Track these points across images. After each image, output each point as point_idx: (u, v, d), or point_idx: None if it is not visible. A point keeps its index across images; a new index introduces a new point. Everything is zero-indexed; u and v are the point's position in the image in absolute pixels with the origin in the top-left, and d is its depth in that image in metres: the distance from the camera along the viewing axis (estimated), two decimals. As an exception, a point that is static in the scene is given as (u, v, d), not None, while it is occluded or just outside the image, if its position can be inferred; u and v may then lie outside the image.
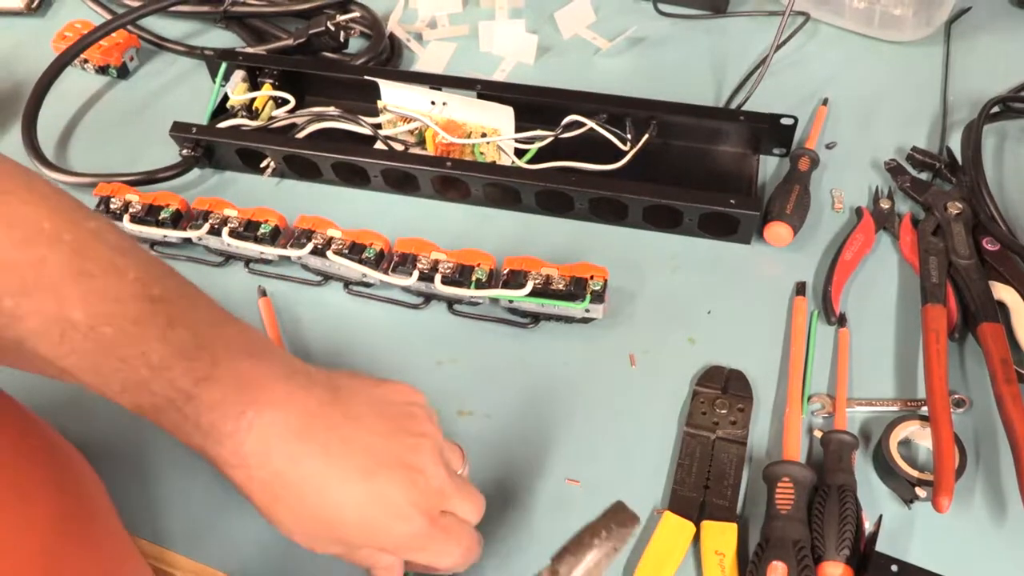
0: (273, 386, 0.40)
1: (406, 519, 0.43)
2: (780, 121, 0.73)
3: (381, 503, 0.42)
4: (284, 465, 0.40)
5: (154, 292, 0.38)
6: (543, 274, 0.63)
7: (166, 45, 0.87)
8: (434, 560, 0.46)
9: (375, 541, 0.43)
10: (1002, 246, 0.66)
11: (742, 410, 0.60)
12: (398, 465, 0.43)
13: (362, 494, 0.41)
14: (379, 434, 0.43)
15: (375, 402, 0.44)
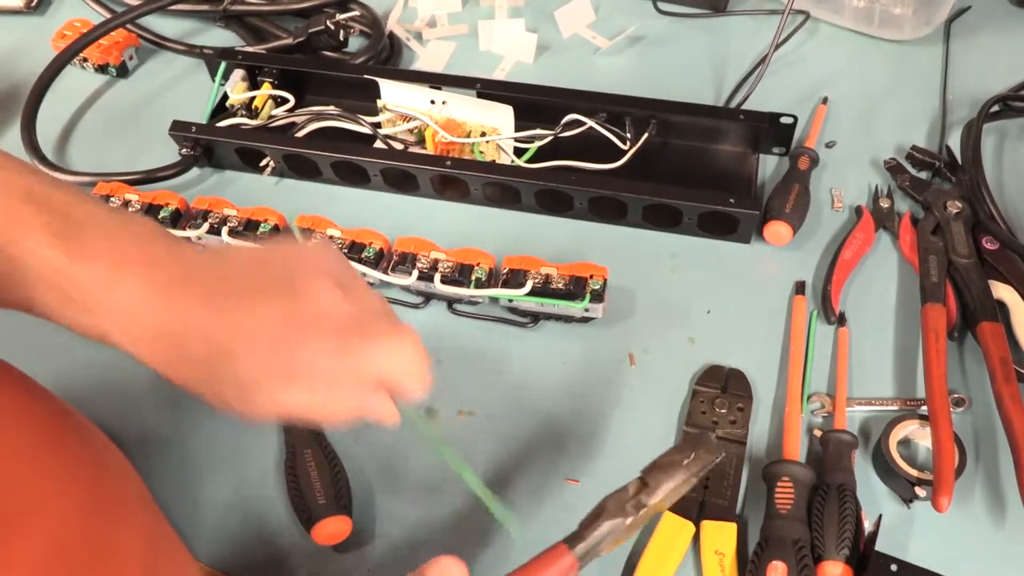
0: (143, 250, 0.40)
1: (303, 334, 0.40)
2: (780, 120, 0.73)
3: (269, 327, 0.40)
4: (158, 319, 0.39)
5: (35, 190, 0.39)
6: (542, 273, 0.63)
7: (166, 44, 0.87)
8: (393, 370, 0.42)
9: (286, 370, 0.40)
10: (1001, 245, 0.66)
11: (742, 409, 0.60)
12: (277, 287, 0.41)
13: (245, 322, 0.39)
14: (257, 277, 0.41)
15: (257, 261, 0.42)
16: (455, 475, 0.57)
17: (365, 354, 0.42)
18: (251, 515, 0.57)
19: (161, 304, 0.39)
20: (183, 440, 0.60)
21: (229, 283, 0.41)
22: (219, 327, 0.39)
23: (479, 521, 0.56)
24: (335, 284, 0.42)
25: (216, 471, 0.59)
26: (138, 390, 0.62)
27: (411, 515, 0.57)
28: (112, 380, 0.62)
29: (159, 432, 0.60)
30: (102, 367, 0.62)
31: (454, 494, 0.57)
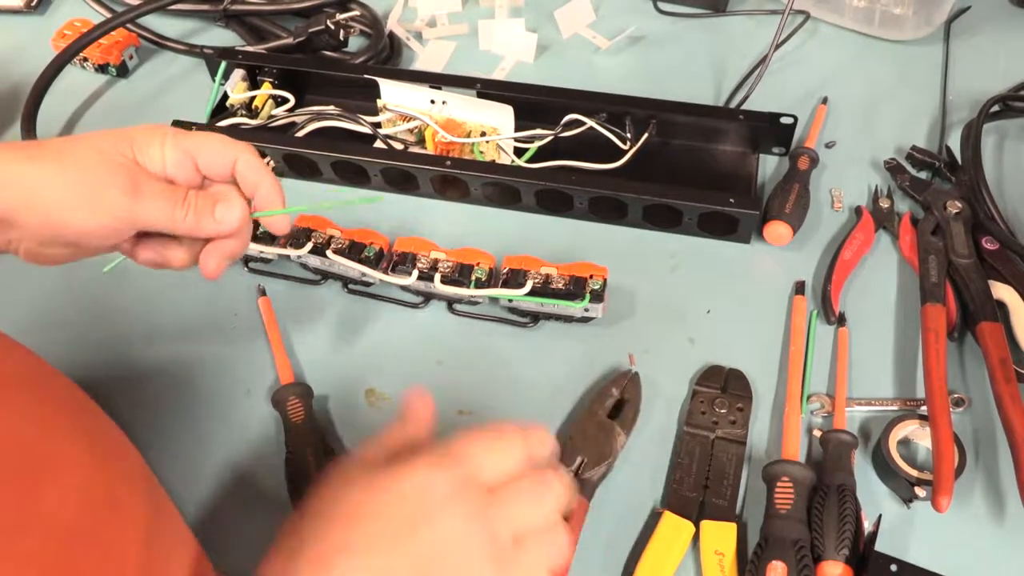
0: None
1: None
2: (780, 120, 0.73)
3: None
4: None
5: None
6: (542, 273, 0.63)
7: (166, 43, 0.87)
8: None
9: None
10: (1001, 245, 0.66)
11: (741, 409, 0.60)
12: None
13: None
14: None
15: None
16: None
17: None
18: (251, 515, 0.57)
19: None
20: (183, 440, 0.60)
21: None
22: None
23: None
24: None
25: (216, 471, 0.59)
26: (140, 389, 0.62)
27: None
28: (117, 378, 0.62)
29: (158, 431, 0.60)
30: (116, 367, 0.62)
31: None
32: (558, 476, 0.44)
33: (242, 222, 0.51)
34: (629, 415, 0.59)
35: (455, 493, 0.42)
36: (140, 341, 0.66)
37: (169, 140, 0.49)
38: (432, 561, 0.40)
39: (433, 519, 0.41)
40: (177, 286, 0.68)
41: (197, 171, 0.50)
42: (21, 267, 0.66)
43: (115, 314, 0.67)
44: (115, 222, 0.48)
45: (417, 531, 0.41)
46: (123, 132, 0.49)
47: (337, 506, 0.42)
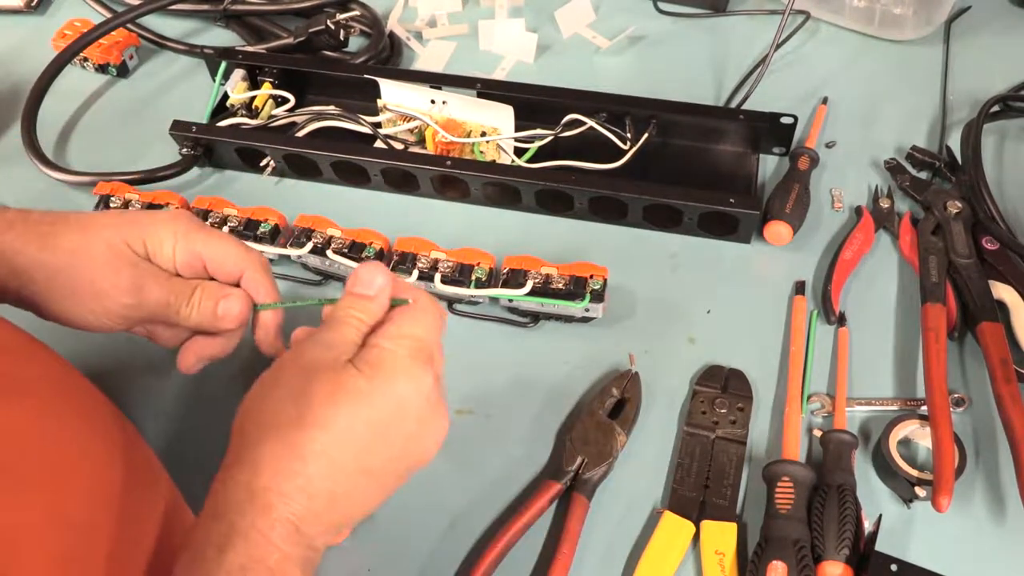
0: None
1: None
2: (780, 120, 0.73)
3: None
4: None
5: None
6: (543, 273, 0.63)
7: (166, 44, 0.87)
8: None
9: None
10: (1001, 245, 0.66)
11: (742, 409, 0.60)
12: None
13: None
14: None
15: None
16: (457, 476, 0.58)
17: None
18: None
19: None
20: (184, 439, 0.60)
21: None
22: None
23: (478, 521, 0.56)
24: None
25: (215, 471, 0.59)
26: (141, 389, 0.62)
27: (411, 515, 0.57)
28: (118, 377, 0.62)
29: (160, 431, 0.60)
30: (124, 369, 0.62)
31: (454, 494, 0.57)
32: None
33: (243, 318, 0.52)
34: (629, 415, 0.59)
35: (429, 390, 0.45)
36: (138, 340, 0.65)
37: (180, 241, 0.50)
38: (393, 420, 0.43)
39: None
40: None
41: (205, 270, 0.52)
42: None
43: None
44: (122, 321, 0.50)
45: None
46: (138, 226, 0.50)
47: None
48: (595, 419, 0.58)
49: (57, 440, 0.40)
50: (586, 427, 0.58)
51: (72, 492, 0.39)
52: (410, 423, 0.44)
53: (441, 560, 0.55)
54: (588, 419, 0.58)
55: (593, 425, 0.58)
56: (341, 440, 0.42)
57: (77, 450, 0.41)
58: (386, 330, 0.45)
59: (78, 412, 0.43)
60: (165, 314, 0.51)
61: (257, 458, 0.41)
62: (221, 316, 0.51)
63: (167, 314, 0.51)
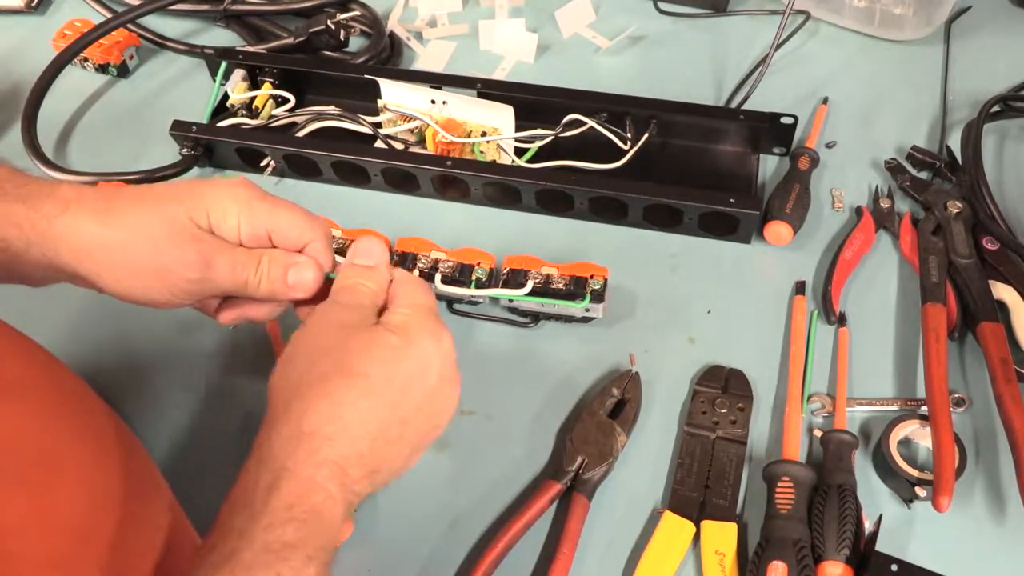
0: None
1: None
2: (780, 120, 0.73)
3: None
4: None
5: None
6: (543, 273, 0.63)
7: (166, 44, 0.87)
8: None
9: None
10: (1002, 245, 0.66)
11: (742, 409, 0.60)
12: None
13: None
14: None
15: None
16: (457, 476, 0.58)
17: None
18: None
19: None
20: (183, 439, 0.60)
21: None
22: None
23: (478, 521, 0.56)
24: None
25: (218, 470, 0.59)
26: (141, 388, 0.62)
27: (411, 515, 0.57)
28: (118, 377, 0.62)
29: (159, 430, 0.60)
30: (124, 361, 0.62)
31: (454, 495, 0.57)
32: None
33: (316, 287, 0.51)
34: (629, 415, 0.59)
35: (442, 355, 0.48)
36: (141, 340, 0.66)
37: (245, 212, 0.49)
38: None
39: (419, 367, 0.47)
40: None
41: (269, 240, 0.50)
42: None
43: (117, 312, 0.67)
44: (187, 296, 0.49)
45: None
46: (199, 197, 0.48)
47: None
48: (595, 419, 0.58)
49: (50, 442, 0.40)
50: (586, 427, 0.58)
51: (64, 494, 0.39)
52: (433, 378, 0.47)
53: (441, 560, 0.55)
54: (588, 419, 0.58)
55: (593, 425, 0.58)
56: (377, 388, 0.44)
57: (70, 453, 0.41)
58: (399, 300, 0.48)
59: (73, 415, 0.43)
60: (232, 286, 0.49)
61: (300, 408, 0.43)
62: (292, 285, 0.50)
63: (234, 286, 0.49)
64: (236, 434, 0.60)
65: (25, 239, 0.46)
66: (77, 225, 0.46)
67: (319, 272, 0.50)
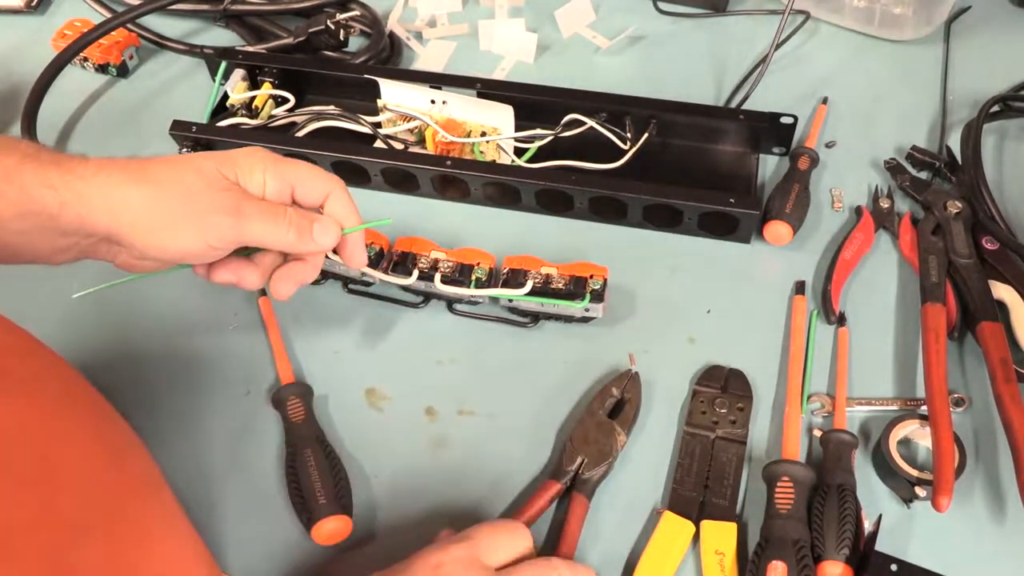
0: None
1: None
2: (780, 120, 0.73)
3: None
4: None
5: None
6: (543, 273, 0.63)
7: (166, 44, 0.87)
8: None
9: None
10: (1001, 245, 0.66)
11: (742, 409, 0.60)
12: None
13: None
14: None
15: None
16: (457, 476, 0.58)
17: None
18: (251, 515, 0.57)
19: None
20: (183, 439, 0.60)
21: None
22: None
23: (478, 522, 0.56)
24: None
25: (216, 470, 0.59)
26: (140, 388, 0.62)
27: (411, 515, 0.57)
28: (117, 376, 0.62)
29: (158, 430, 0.60)
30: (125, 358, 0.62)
31: (454, 494, 0.57)
32: (567, 564, 0.51)
33: (336, 242, 0.53)
34: (629, 415, 0.59)
35: (462, 568, 0.48)
36: (140, 340, 0.66)
37: (271, 168, 0.51)
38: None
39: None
40: (177, 286, 0.68)
41: (292, 198, 0.52)
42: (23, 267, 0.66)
43: (116, 313, 0.67)
44: (220, 243, 0.49)
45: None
46: (226, 155, 0.51)
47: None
48: (595, 419, 0.58)
49: (49, 438, 0.40)
50: (586, 427, 0.58)
51: (64, 490, 0.39)
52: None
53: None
54: (588, 419, 0.58)
55: (593, 425, 0.58)
56: None
57: (72, 450, 0.41)
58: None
59: (75, 412, 0.43)
60: (260, 234, 0.50)
61: None
62: (317, 241, 0.52)
63: (262, 234, 0.51)
64: (236, 432, 0.60)
65: (59, 200, 0.46)
66: (112, 182, 0.47)
67: (338, 225, 0.53)
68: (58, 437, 0.40)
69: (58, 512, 0.38)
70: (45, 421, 0.40)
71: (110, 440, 0.44)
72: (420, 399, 0.62)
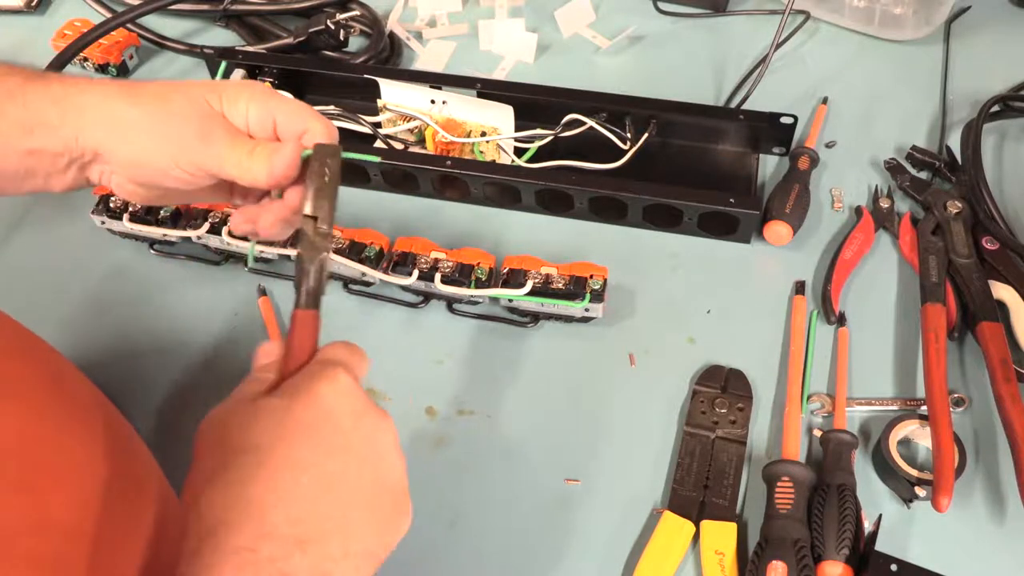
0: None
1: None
2: (780, 120, 0.73)
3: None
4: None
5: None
6: (543, 273, 0.63)
7: (166, 44, 0.87)
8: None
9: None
10: (1001, 245, 0.66)
11: (742, 409, 0.60)
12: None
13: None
14: None
15: None
16: (457, 476, 0.58)
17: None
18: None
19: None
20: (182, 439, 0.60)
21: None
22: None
23: (477, 522, 0.56)
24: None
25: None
26: (139, 388, 0.62)
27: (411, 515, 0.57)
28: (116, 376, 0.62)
29: (157, 430, 0.60)
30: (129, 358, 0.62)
31: (454, 495, 0.57)
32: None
33: (290, 168, 0.49)
34: (311, 188, 0.49)
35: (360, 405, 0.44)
36: (140, 340, 0.66)
37: (254, 100, 0.50)
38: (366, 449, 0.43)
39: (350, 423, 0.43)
40: (177, 285, 0.68)
41: (275, 132, 0.51)
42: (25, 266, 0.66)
43: (116, 313, 0.67)
44: (189, 166, 0.49)
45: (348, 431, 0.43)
46: (217, 84, 0.51)
47: (260, 437, 0.41)
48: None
49: (43, 442, 0.40)
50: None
51: (58, 494, 0.39)
52: (345, 420, 0.43)
53: (441, 560, 0.55)
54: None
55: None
56: (272, 454, 0.40)
57: (65, 452, 0.40)
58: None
59: (70, 413, 0.43)
60: (228, 165, 0.50)
61: (204, 507, 0.39)
62: (273, 164, 0.49)
63: (230, 165, 0.50)
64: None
65: (60, 111, 0.47)
66: (107, 97, 0.49)
67: (297, 149, 0.50)
68: (51, 439, 0.40)
69: (49, 515, 0.38)
70: (37, 423, 0.40)
71: (106, 443, 0.44)
72: (420, 399, 0.62)
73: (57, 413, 0.42)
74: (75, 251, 0.71)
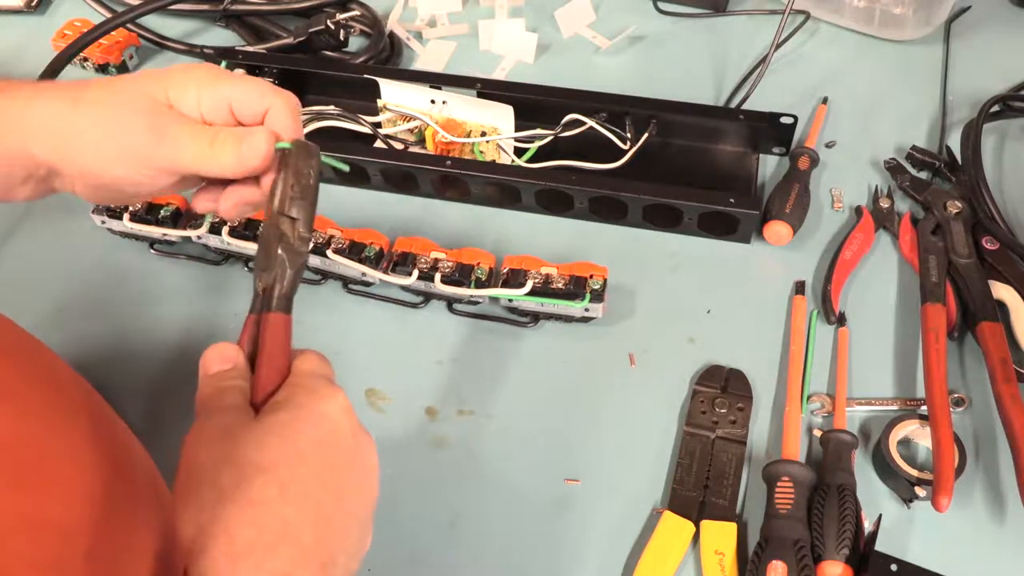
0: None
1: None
2: (780, 120, 0.73)
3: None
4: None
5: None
6: (542, 273, 0.63)
7: (166, 44, 0.87)
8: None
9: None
10: (1001, 245, 0.66)
11: (742, 409, 0.60)
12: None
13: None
14: None
15: None
16: (458, 476, 0.58)
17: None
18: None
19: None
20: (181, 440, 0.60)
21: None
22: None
23: (477, 522, 0.56)
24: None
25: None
26: (138, 388, 0.62)
27: (411, 515, 0.57)
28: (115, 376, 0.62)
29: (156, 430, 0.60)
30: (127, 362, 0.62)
31: (454, 495, 0.57)
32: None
33: (264, 160, 0.48)
34: (287, 191, 0.48)
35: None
36: (139, 339, 0.66)
37: (205, 88, 0.48)
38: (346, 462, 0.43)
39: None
40: (176, 285, 0.68)
41: (232, 116, 0.49)
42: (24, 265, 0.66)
43: (115, 312, 0.67)
44: (151, 169, 0.47)
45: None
46: (162, 75, 0.48)
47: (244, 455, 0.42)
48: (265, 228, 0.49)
49: (37, 441, 0.40)
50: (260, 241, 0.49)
51: (53, 493, 0.38)
52: (346, 436, 0.43)
53: (441, 560, 0.55)
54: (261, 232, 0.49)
55: (263, 236, 0.49)
56: (291, 473, 0.41)
57: (60, 451, 0.40)
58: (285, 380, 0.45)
59: (64, 413, 0.43)
60: (191, 160, 0.48)
61: (223, 530, 0.40)
62: (244, 155, 0.47)
63: (193, 160, 0.48)
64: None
65: (4, 132, 0.46)
66: (50, 107, 0.47)
67: (270, 139, 0.48)
68: (46, 439, 0.40)
69: (43, 516, 0.37)
70: (33, 423, 0.40)
71: (103, 444, 0.43)
72: (420, 399, 0.62)
73: (51, 412, 0.42)
74: (75, 250, 0.71)
